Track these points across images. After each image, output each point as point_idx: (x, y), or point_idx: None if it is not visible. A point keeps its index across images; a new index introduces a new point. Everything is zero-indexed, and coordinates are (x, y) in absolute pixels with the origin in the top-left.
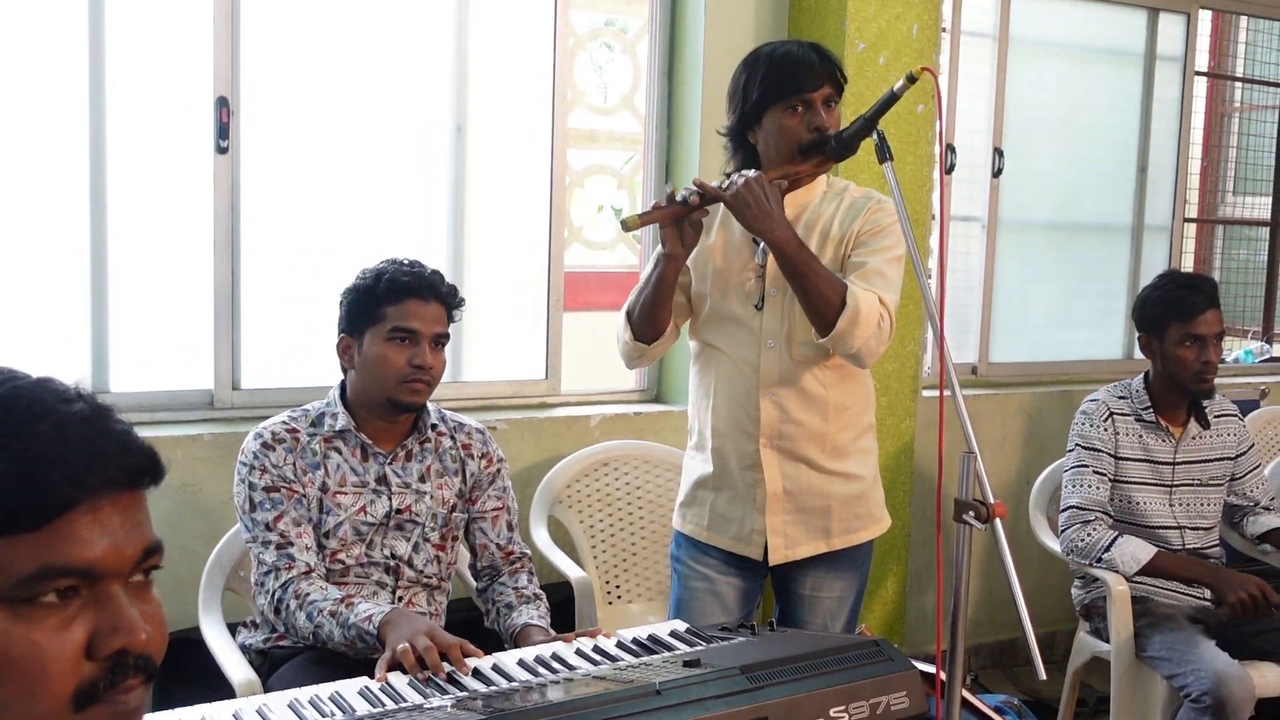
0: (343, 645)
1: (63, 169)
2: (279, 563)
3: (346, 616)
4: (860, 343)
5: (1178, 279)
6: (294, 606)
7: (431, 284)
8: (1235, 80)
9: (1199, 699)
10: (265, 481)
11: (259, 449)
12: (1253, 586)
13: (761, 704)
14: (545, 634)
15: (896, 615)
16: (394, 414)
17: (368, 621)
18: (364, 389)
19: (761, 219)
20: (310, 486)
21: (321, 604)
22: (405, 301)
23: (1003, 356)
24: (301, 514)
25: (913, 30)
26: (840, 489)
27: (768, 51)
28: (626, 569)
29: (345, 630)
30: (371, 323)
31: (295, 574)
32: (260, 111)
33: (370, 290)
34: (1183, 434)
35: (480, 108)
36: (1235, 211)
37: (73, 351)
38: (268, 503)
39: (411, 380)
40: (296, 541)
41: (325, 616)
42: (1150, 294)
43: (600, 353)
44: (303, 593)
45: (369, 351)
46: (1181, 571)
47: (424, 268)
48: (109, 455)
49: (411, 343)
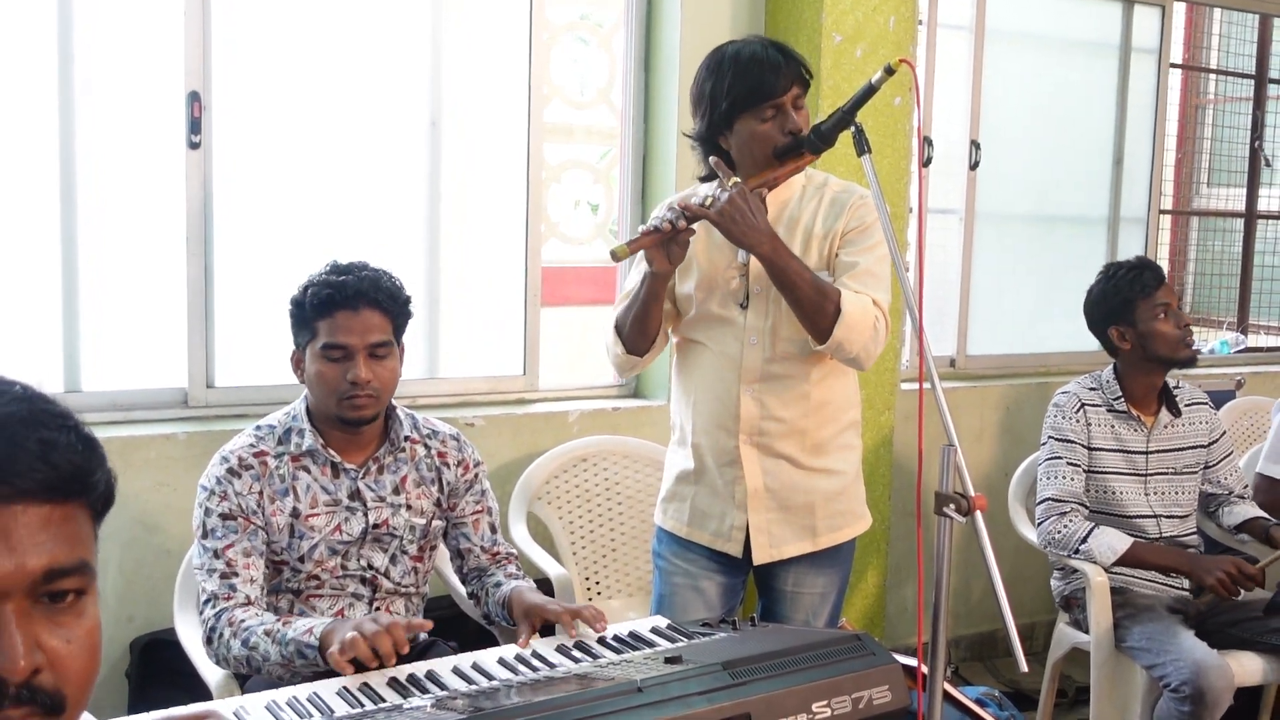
0: (279, 665)
1: (32, 165)
2: (219, 591)
3: (284, 634)
4: (858, 347)
5: (1121, 266)
6: (228, 635)
7: (360, 291)
8: (1210, 72)
9: (1178, 689)
10: (222, 509)
11: (224, 474)
12: (1229, 565)
13: (744, 700)
14: (537, 593)
15: (877, 609)
16: (349, 428)
17: (308, 634)
18: (315, 405)
19: (749, 234)
20: (279, 515)
21: (256, 627)
22: (333, 315)
23: (981, 349)
24: (254, 545)
25: (889, 22)
26: (823, 484)
27: (732, 53)
28: (607, 565)
29: (283, 647)
30: (308, 338)
31: (233, 604)
32: (233, 106)
33: (300, 304)
34: (1154, 423)
35: (455, 102)
36: (1210, 203)
37: (44, 350)
38: (220, 529)
39: (351, 397)
40: (242, 573)
41: (260, 637)
42: (1105, 286)
43: (578, 348)
44: (237, 620)
45: (309, 369)
46: (1158, 560)
47: (355, 274)
48: (22, 460)
49: (345, 358)
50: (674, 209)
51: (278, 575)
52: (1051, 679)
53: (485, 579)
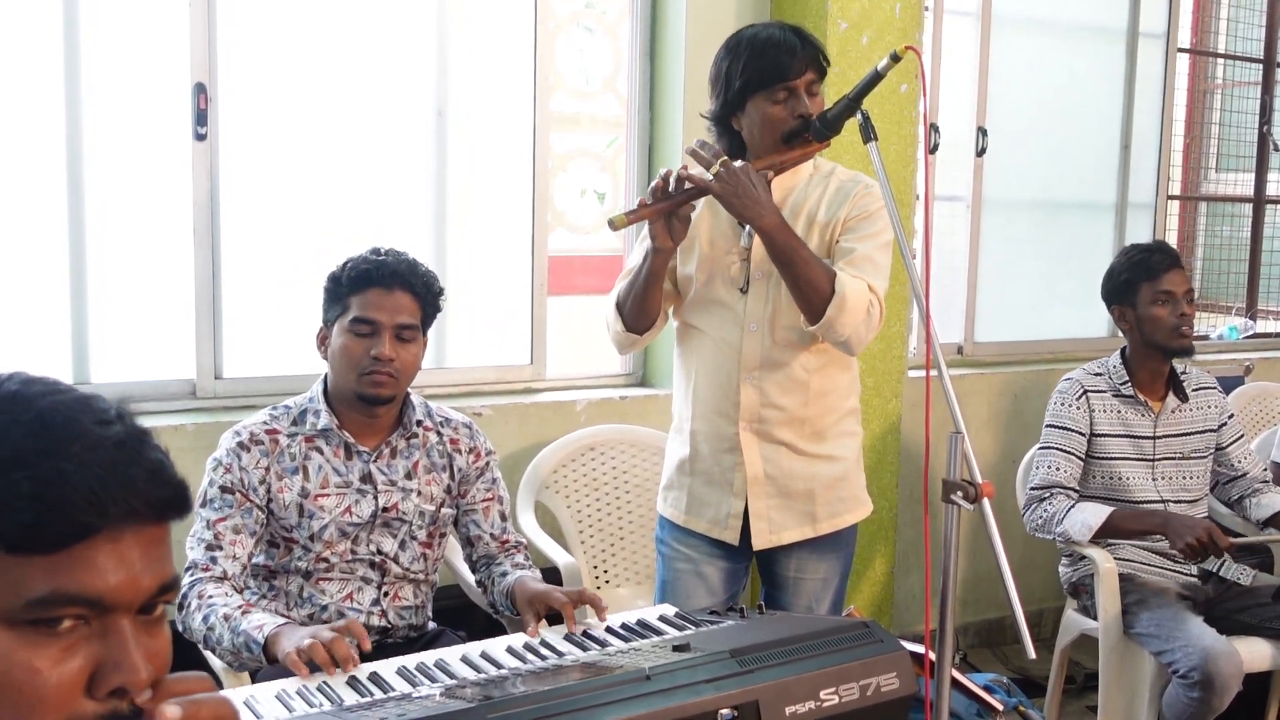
0: (229, 653)
1: (39, 157)
2: (200, 561)
3: (239, 622)
4: (850, 330)
5: (1138, 247)
6: (194, 606)
7: (396, 272)
8: (1217, 57)
9: (1187, 675)
10: (224, 481)
11: (234, 447)
12: (1200, 530)
13: (751, 687)
14: (540, 582)
15: (885, 596)
16: (366, 408)
17: (258, 630)
18: (335, 382)
19: (750, 206)
20: (286, 492)
21: (219, 607)
22: (367, 291)
23: (988, 336)
24: (245, 523)
25: (895, 9)
26: (823, 470)
27: (750, 35)
28: (614, 553)
29: (235, 636)
30: (339, 313)
31: (209, 576)
32: (239, 97)
33: (337, 279)
34: (1162, 408)
35: (461, 92)
36: (1218, 188)
37: (53, 342)
38: (218, 501)
39: (371, 372)
40: (226, 548)
41: (219, 619)
42: (1115, 265)
43: (585, 337)
44: (205, 594)
45: (335, 343)
46: (1134, 525)
47: (394, 257)
48: (136, 484)
49: (372, 334)
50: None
51: (288, 554)
52: (1060, 665)
53: (493, 568)
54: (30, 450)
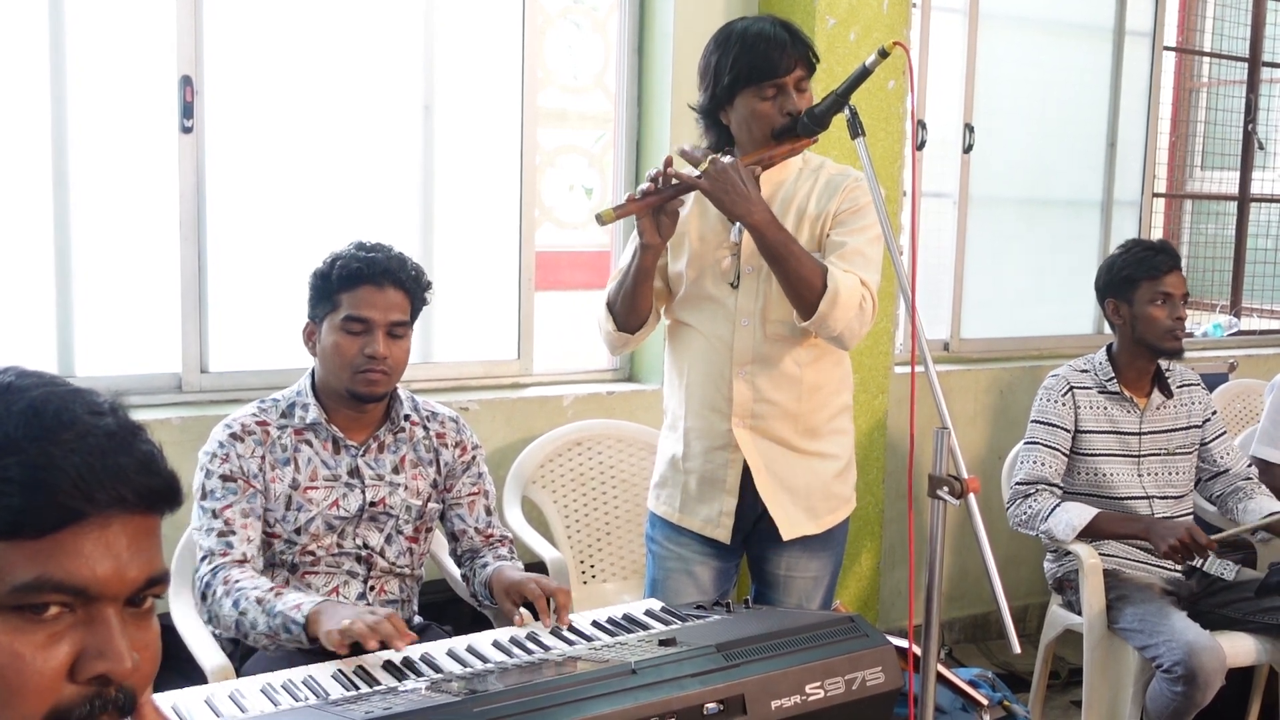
0: (265, 636)
1: (24, 150)
2: (216, 548)
3: (273, 605)
4: (842, 325)
5: (1142, 244)
6: (220, 592)
7: (387, 269)
8: (1203, 55)
9: (1171, 669)
10: (224, 470)
11: (226, 438)
12: (1182, 532)
13: (737, 682)
14: (518, 571)
15: (871, 591)
16: (356, 404)
17: (296, 610)
18: (325, 378)
19: (739, 203)
20: (278, 483)
21: (250, 591)
22: (358, 289)
23: (974, 332)
24: (252, 507)
25: (883, 5)
26: (819, 468)
27: (740, 29)
28: (601, 549)
29: (271, 618)
30: (328, 310)
31: (229, 560)
32: (225, 90)
33: (325, 276)
34: (1147, 404)
35: (449, 87)
36: (1203, 186)
37: (38, 335)
38: (220, 490)
39: (365, 371)
40: (239, 531)
41: (251, 603)
42: (1117, 259)
43: (573, 332)
44: (232, 579)
45: (325, 340)
46: (1119, 529)
47: (384, 253)
48: (125, 473)
49: (365, 332)
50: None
51: (271, 548)
52: (1044, 660)
53: (475, 560)
54: (22, 437)
